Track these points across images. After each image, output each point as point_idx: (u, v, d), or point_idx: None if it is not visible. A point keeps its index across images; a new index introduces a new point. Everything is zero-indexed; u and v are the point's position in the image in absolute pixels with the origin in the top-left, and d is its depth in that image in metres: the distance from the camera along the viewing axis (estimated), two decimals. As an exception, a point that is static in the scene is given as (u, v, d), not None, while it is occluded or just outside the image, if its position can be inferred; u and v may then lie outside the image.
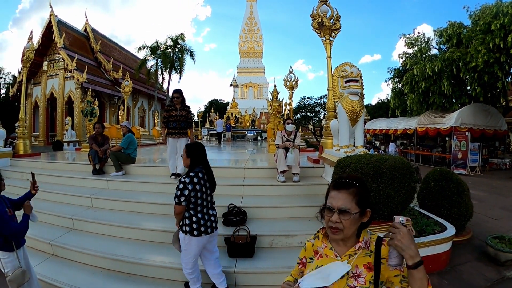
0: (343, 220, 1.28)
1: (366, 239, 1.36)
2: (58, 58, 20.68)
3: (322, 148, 6.29)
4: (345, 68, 4.88)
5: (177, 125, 5.67)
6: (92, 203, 5.20)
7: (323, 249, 1.43)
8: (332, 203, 1.31)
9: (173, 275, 3.51)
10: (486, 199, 8.21)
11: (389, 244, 1.20)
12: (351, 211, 1.28)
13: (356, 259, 1.32)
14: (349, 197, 1.30)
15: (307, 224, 4.31)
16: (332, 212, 1.31)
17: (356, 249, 1.35)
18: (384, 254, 1.29)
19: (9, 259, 2.71)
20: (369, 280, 1.28)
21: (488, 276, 3.88)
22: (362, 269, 1.30)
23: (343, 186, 1.33)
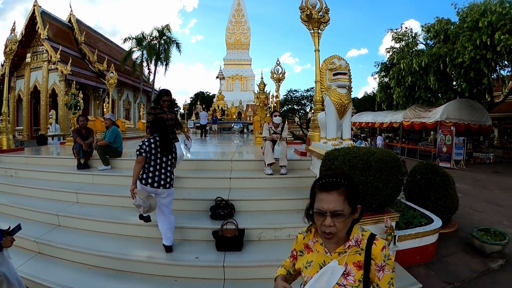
0: (337, 223, 1.23)
1: (357, 237, 1.33)
2: (41, 50, 20.04)
3: (309, 141, 6.29)
4: (334, 61, 4.85)
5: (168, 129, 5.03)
6: (78, 198, 5.09)
7: (314, 244, 1.41)
8: (323, 206, 1.24)
9: (161, 270, 3.48)
10: (470, 192, 8.41)
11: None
12: (344, 212, 1.23)
13: (346, 257, 1.30)
14: (340, 198, 1.24)
15: (295, 216, 4.27)
16: (324, 216, 1.24)
17: (346, 247, 1.32)
18: (375, 254, 1.27)
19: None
20: (358, 278, 1.27)
21: (474, 268, 3.98)
22: (352, 268, 1.29)
23: (332, 186, 1.25)
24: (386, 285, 1.27)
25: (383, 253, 1.28)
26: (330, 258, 1.33)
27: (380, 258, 1.27)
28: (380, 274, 1.27)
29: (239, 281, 3.31)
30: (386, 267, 1.28)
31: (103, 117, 8.01)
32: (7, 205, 5.13)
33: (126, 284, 3.31)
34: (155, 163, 3.51)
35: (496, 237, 4.35)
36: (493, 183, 9.90)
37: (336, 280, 1.26)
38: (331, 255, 1.33)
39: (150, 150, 3.45)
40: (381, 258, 1.27)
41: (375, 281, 1.28)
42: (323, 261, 1.35)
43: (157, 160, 3.51)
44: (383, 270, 1.27)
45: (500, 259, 4.18)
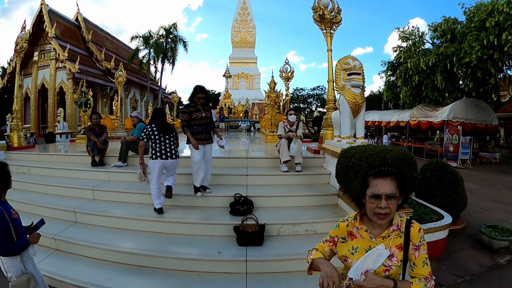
0: (391, 205, 1.41)
1: (397, 222, 1.51)
2: (49, 48, 20.20)
3: (322, 139, 6.38)
4: (348, 61, 4.98)
5: (203, 129, 4.69)
6: (94, 196, 5.12)
7: (359, 231, 1.56)
8: (379, 190, 1.42)
9: (184, 265, 3.54)
10: (477, 191, 8.46)
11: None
12: (397, 195, 1.43)
13: (391, 240, 1.48)
14: (393, 183, 1.43)
15: (312, 212, 4.40)
16: (379, 199, 1.42)
17: (390, 231, 1.50)
18: (413, 235, 1.47)
19: (12, 263, 2.44)
20: (400, 259, 1.45)
21: (483, 262, 4.08)
22: (395, 250, 1.47)
23: (386, 173, 1.45)
24: (421, 263, 1.45)
25: (420, 235, 1.48)
26: (375, 243, 1.49)
27: (417, 238, 1.47)
28: (416, 253, 1.46)
29: (260, 275, 3.38)
30: (422, 247, 1.47)
31: (130, 115, 8.09)
32: (21, 202, 5.03)
33: (149, 279, 3.34)
34: (159, 142, 4.36)
35: (504, 233, 4.45)
36: (499, 183, 9.91)
37: (382, 261, 1.41)
38: (376, 240, 1.50)
39: (152, 134, 4.34)
40: (417, 238, 1.47)
41: (412, 259, 1.47)
42: (368, 246, 1.51)
43: (160, 139, 4.36)
44: (419, 249, 1.46)
45: (507, 254, 4.27)
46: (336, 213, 4.36)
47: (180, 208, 4.61)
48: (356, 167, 3.83)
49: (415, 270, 1.46)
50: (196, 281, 3.32)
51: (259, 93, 34.78)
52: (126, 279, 3.34)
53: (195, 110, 4.64)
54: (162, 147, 4.36)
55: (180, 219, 4.26)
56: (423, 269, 1.45)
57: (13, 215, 2.46)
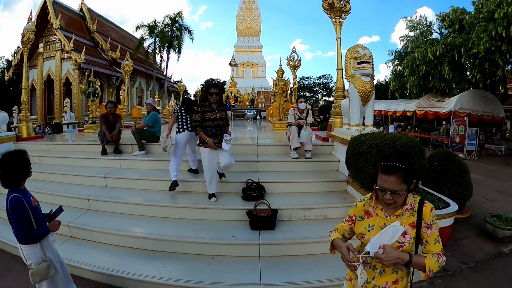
0: (395, 198, 1.52)
1: (411, 202, 1.60)
2: (54, 39, 20.22)
3: (331, 127, 6.46)
4: (358, 50, 5.01)
5: (217, 131, 4.26)
6: (107, 183, 5.20)
7: (375, 210, 1.67)
8: (384, 185, 1.52)
9: (198, 249, 3.62)
10: (482, 182, 8.49)
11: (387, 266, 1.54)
12: (401, 191, 1.50)
13: (404, 219, 1.58)
14: (398, 180, 1.49)
15: (322, 198, 4.50)
16: (385, 192, 1.52)
17: (404, 210, 1.59)
18: (425, 214, 1.57)
19: (32, 250, 2.42)
20: (413, 236, 1.55)
21: (487, 251, 4.16)
22: (408, 227, 1.57)
23: (392, 171, 1.49)
24: (433, 241, 1.56)
25: (432, 214, 1.57)
26: (390, 221, 1.60)
27: (429, 217, 1.56)
28: (429, 232, 1.56)
29: (273, 258, 3.46)
30: (434, 226, 1.57)
31: (145, 102, 8.15)
32: (33, 191, 4.83)
33: (164, 264, 3.40)
34: (182, 120, 4.98)
35: (508, 223, 4.51)
36: (505, 175, 9.90)
37: (397, 237, 1.51)
38: (390, 218, 1.61)
39: (179, 113, 5.07)
40: (430, 217, 1.56)
41: (425, 237, 1.57)
42: (383, 224, 1.61)
43: (186, 118, 4.98)
44: (431, 228, 1.56)
45: (511, 244, 4.35)
46: (346, 199, 4.45)
47: (192, 194, 4.72)
48: (366, 153, 3.90)
49: (427, 247, 1.56)
50: (210, 264, 3.40)
51: (264, 81, 34.65)
52: (142, 264, 3.41)
53: (209, 110, 4.23)
54: (182, 124, 4.96)
55: (194, 204, 4.36)
56: (435, 246, 1.54)
57: (32, 203, 2.46)
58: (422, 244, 1.59)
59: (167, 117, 17.39)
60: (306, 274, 3.21)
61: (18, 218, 2.33)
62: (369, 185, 1.69)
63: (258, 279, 3.12)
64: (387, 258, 1.44)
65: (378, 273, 1.64)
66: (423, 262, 1.48)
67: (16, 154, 2.44)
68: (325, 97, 44.05)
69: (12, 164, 2.40)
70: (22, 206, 2.34)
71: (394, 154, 1.55)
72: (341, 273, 3.11)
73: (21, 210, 2.34)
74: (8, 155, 2.42)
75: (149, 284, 3.14)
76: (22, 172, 2.45)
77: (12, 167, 2.39)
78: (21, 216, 2.34)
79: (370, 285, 1.66)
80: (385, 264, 1.47)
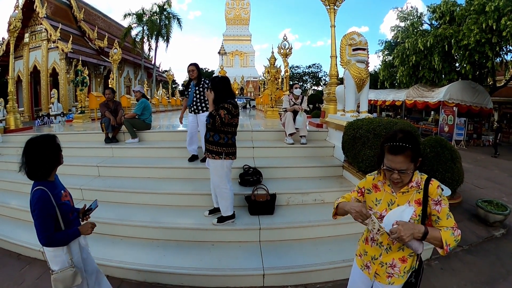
0: (402, 176, 1.53)
1: (417, 180, 1.60)
2: (40, 29, 19.70)
3: (325, 113, 6.49)
4: (354, 37, 5.03)
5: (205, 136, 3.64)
6: (99, 172, 5.10)
7: (383, 185, 1.69)
8: (391, 165, 1.52)
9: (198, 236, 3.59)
10: (472, 170, 8.68)
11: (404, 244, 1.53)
12: (408, 170, 1.51)
13: (409, 195, 1.60)
14: (406, 160, 1.49)
15: (318, 182, 4.53)
16: (392, 171, 1.53)
17: (409, 187, 1.60)
18: (431, 191, 1.56)
19: (56, 254, 2.05)
20: (418, 213, 1.56)
21: (479, 234, 4.29)
22: (414, 204, 1.58)
23: (399, 151, 1.49)
24: (445, 216, 1.55)
25: (438, 191, 1.56)
26: (395, 197, 1.62)
27: (435, 194, 1.56)
28: (438, 208, 1.55)
29: (273, 243, 3.48)
30: (443, 202, 1.56)
31: (133, 90, 7.90)
32: (25, 183, 4.76)
33: (163, 251, 3.39)
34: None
35: (499, 208, 4.63)
36: (492, 164, 10.19)
37: (409, 217, 1.55)
38: (396, 194, 1.63)
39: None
40: (436, 194, 1.56)
41: (435, 213, 1.56)
42: (390, 200, 1.64)
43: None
44: (440, 204, 1.55)
45: (502, 228, 4.49)
46: (342, 184, 4.48)
47: (189, 181, 4.68)
48: (364, 138, 3.93)
49: (440, 223, 1.55)
50: (211, 250, 3.39)
51: (253, 70, 34.54)
52: (141, 252, 3.37)
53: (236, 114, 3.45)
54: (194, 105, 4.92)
55: (191, 190, 4.33)
56: (448, 221, 1.53)
57: (62, 198, 2.08)
58: (434, 221, 1.58)
59: (156, 106, 17.22)
60: (307, 257, 3.23)
61: (41, 215, 1.93)
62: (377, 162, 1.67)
63: (260, 264, 3.13)
64: (404, 230, 1.43)
65: (384, 250, 1.65)
66: (438, 235, 1.48)
67: (44, 139, 2.03)
68: (314, 86, 44.22)
69: (40, 152, 1.98)
70: (46, 201, 1.94)
71: (400, 133, 1.53)
72: (341, 256, 3.19)
73: (45, 206, 1.93)
74: (34, 141, 2.01)
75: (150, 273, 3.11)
76: (51, 161, 2.03)
77: (39, 155, 1.98)
78: (44, 212, 1.93)
79: (377, 262, 1.68)
80: (404, 237, 1.43)
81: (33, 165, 1.98)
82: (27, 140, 2.02)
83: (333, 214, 1.81)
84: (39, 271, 3.30)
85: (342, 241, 3.51)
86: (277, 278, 3.05)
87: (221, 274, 3.04)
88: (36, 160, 1.97)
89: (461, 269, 3.45)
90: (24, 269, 3.39)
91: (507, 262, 3.63)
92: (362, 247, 1.81)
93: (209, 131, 3.46)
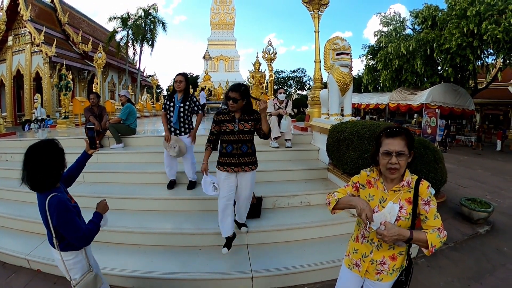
0: (400, 161, 1.58)
1: (408, 179, 1.68)
2: (24, 32, 19.39)
3: (309, 117, 6.57)
4: (337, 42, 5.11)
5: (234, 149, 3.14)
6: (84, 178, 4.97)
7: (376, 182, 1.75)
8: (390, 148, 1.60)
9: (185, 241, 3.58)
10: (455, 170, 8.89)
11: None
12: (406, 153, 1.59)
13: (400, 194, 1.67)
14: (402, 142, 1.60)
15: (304, 185, 4.58)
16: (390, 156, 1.59)
17: (401, 186, 1.67)
18: (422, 191, 1.64)
19: (77, 260, 1.99)
20: (409, 212, 1.64)
21: (464, 232, 4.41)
22: (404, 203, 1.66)
23: (397, 134, 1.61)
24: (432, 216, 1.62)
25: (428, 191, 1.64)
26: (387, 194, 1.69)
27: (425, 194, 1.64)
28: (427, 208, 1.63)
29: (261, 246, 3.49)
30: (431, 202, 1.63)
31: (119, 94, 7.76)
32: (7, 189, 4.86)
33: (151, 257, 3.36)
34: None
35: (482, 205, 4.77)
36: (475, 163, 10.46)
37: (396, 213, 1.61)
38: (388, 192, 1.69)
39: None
40: (426, 194, 1.64)
41: (423, 213, 1.64)
42: (382, 197, 1.71)
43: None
44: (429, 204, 1.63)
45: (486, 225, 4.62)
46: (327, 186, 4.55)
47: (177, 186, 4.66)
48: (348, 140, 4.00)
49: (427, 222, 1.62)
50: (199, 255, 3.39)
51: (238, 75, 34.50)
52: (126, 257, 3.35)
53: (227, 119, 3.13)
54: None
55: (177, 195, 4.32)
56: (435, 221, 1.61)
57: (72, 201, 2.04)
58: (421, 220, 1.65)
59: (141, 111, 17.06)
60: (295, 259, 3.26)
61: (68, 217, 1.84)
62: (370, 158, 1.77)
63: (249, 267, 3.14)
64: (388, 233, 1.51)
65: (375, 247, 1.71)
66: (424, 238, 1.55)
67: (47, 146, 1.88)
68: (299, 90, 44.60)
69: (45, 160, 1.83)
70: (66, 204, 1.86)
71: (394, 125, 1.69)
72: (329, 256, 3.23)
73: (67, 208, 1.85)
74: (37, 149, 1.85)
75: (137, 279, 3.08)
76: (57, 166, 1.90)
77: (45, 164, 1.83)
78: (70, 214, 1.85)
79: (367, 259, 1.74)
80: (387, 240, 1.54)
81: (38, 175, 1.84)
82: (27, 149, 1.87)
83: (331, 210, 1.81)
84: (26, 279, 3.25)
85: (329, 242, 3.55)
86: (266, 280, 3.07)
87: (210, 278, 3.04)
88: (41, 170, 1.84)
89: (447, 266, 3.54)
90: (10, 278, 3.31)
91: (493, 257, 3.74)
92: (352, 246, 1.86)
93: (245, 143, 3.13)
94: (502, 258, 3.75)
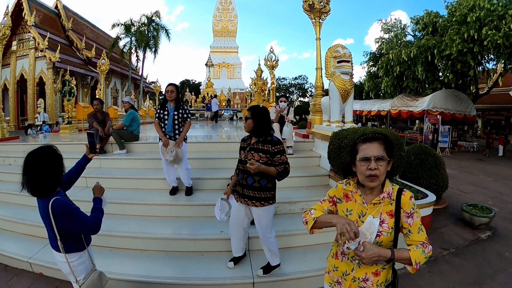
0: (380, 167, 1.46)
1: (388, 190, 1.54)
2: (28, 37, 19.51)
3: (311, 124, 6.61)
4: (338, 50, 5.17)
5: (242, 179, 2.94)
6: (87, 183, 4.97)
7: (354, 194, 1.61)
8: (368, 153, 1.48)
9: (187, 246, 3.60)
10: (457, 176, 8.91)
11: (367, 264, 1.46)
12: (385, 157, 1.48)
13: (381, 207, 1.53)
14: (381, 147, 1.49)
15: (305, 192, 4.61)
16: (369, 161, 1.47)
17: (381, 198, 1.53)
18: (404, 203, 1.51)
19: (81, 260, 2.05)
20: (391, 226, 1.50)
21: (466, 237, 4.43)
22: (385, 216, 1.51)
23: (374, 138, 1.51)
24: (416, 230, 1.48)
25: (411, 202, 1.51)
26: (366, 208, 1.55)
27: (408, 206, 1.50)
28: (410, 221, 1.49)
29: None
30: (415, 215, 1.50)
31: (122, 100, 7.83)
32: (10, 193, 4.91)
33: (153, 262, 3.37)
34: None
35: (484, 211, 4.81)
36: (477, 169, 10.46)
37: (376, 229, 1.45)
38: (367, 205, 1.55)
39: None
40: (409, 206, 1.50)
41: (407, 227, 1.50)
42: (361, 211, 1.56)
43: None
44: (412, 217, 1.49)
45: (488, 230, 4.65)
46: (329, 193, 4.54)
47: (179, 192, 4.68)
48: (349, 147, 4.00)
49: (411, 237, 1.48)
50: (200, 260, 3.41)
51: (240, 82, 34.79)
52: (129, 262, 3.37)
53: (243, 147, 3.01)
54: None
55: (178, 202, 4.35)
56: (419, 235, 1.47)
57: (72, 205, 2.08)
58: (404, 234, 1.51)
59: (143, 118, 17.18)
60: (296, 264, 3.28)
61: (73, 213, 1.92)
62: (343, 169, 1.65)
63: (250, 273, 3.16)
64: (366, 255, 1.37)
65: (356, 264, 1.56)
66: (407, 256, 1.41)
67: (45, 152, 1.93)
68: (301, 97, 44.73)
69: (44, 166, 1.89)
70: (68, 203, 1.94)
71: (370, 131, 1.59)
72: (329, 263, 3.23)
73: (70, 206, 1.92)
74: (36, 155, 1.90)
75: (139, 283, 3.09)
76: (56, 174, 1.95)
77: (44, 170, 1.88)
78: (75, 210, 1.93)
79: (349, 277, 1.59)
80: (365, 262, 1.40)
81: (40, 181, 1.90)
82: (26, 155, 1.92)
83: (310, 229, 1.62)
84: (28, 282, 3.28)
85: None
86: (267, 286, 3.08)
87: (211, 283, 3.05)
88: (42, 176, 1.89)
89: (448, 272, 3.54)
90: (12, 280, 3.34)
91: (494, 263, 3.75)
92: (332, 263, 1.73)
93: (251, 175, 2.81)
94: (504, 263, 3.76)
